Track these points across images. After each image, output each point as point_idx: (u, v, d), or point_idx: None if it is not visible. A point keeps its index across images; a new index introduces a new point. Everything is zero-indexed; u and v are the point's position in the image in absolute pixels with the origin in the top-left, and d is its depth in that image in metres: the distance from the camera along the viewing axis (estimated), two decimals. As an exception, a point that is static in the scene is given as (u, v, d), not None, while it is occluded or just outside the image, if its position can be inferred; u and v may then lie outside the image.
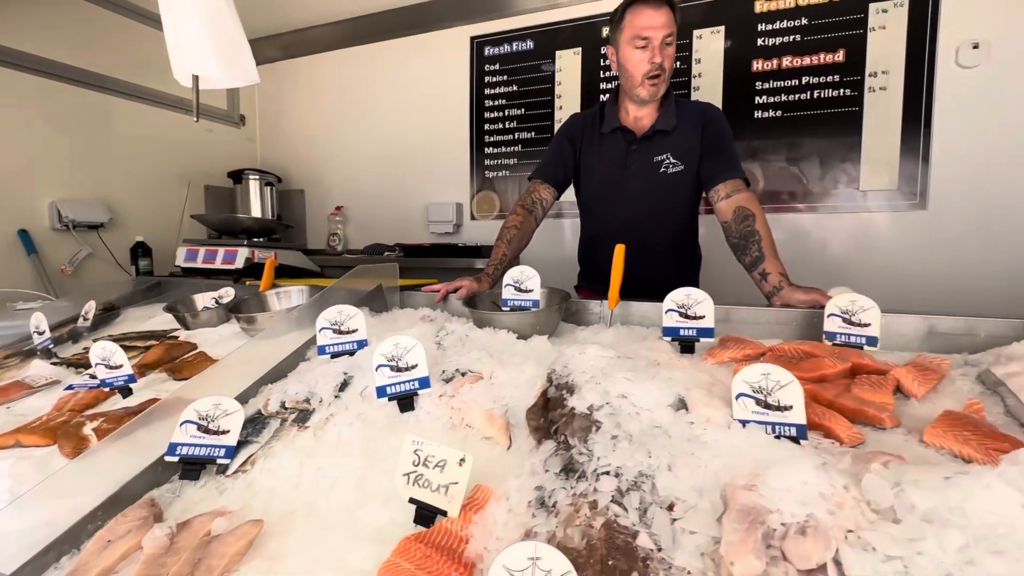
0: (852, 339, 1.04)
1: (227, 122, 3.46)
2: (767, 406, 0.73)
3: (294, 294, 1.54)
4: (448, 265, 2.62)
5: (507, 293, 1.27)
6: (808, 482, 0.55)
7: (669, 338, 1.07)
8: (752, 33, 2.37)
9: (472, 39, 2.91)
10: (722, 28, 2.41)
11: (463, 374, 0.94)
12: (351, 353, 1.07)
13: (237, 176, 3.15)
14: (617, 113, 1.58)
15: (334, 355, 1.07)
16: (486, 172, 2.94)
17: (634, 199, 1.58)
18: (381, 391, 0.90)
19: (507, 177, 2.90)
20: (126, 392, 1.12)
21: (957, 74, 2.11)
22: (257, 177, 3.14)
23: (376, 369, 0.91)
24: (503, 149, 2.89)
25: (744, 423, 0.72)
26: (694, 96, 2.47)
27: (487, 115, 2.91)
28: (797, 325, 1.19)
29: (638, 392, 0.77)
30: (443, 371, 0.96)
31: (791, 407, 0.73)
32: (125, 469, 0.79)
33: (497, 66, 2.86)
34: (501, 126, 2.88)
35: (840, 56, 2.25)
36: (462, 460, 0.66)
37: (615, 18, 1.48)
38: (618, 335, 1.16)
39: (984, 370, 0.89)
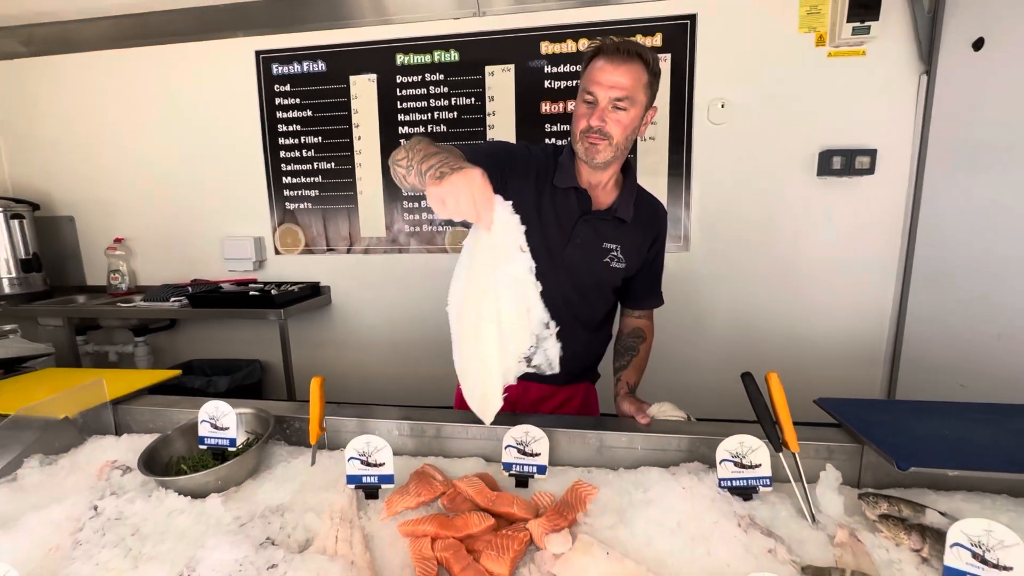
0: (525, 469, 1.11)
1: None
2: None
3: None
4: (238, 316, 2.42)
5: (203, 430, 1.17)
6: None
7: (352, 486, 1.06)
8: (540, 74, 2.39)
9: (257, 53, 2.59)
10: (512, 66, 2.40)
11: (76, 591, 0.84)
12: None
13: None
14: (574, 169, 1.34)
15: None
16: (287, 204, 2.71)
17: (569, 276, 1.37)
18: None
19: (310, 210, 2.69)
20: None
21: (709, 129, 2.32)
22: (-2, 209, 2.59)
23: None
24: (303, 180, 2.67)
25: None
26: (489, 135, 2.46)
27: (282, 141, 2.65)
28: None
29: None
30: (57, 587, 0.85)
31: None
32: None
33: (288, 87, 2.59)
34: (298, 154, 2.65)
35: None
36: None
37: (585, 60, 1.26)
38: (313, 476, 1.13)
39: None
